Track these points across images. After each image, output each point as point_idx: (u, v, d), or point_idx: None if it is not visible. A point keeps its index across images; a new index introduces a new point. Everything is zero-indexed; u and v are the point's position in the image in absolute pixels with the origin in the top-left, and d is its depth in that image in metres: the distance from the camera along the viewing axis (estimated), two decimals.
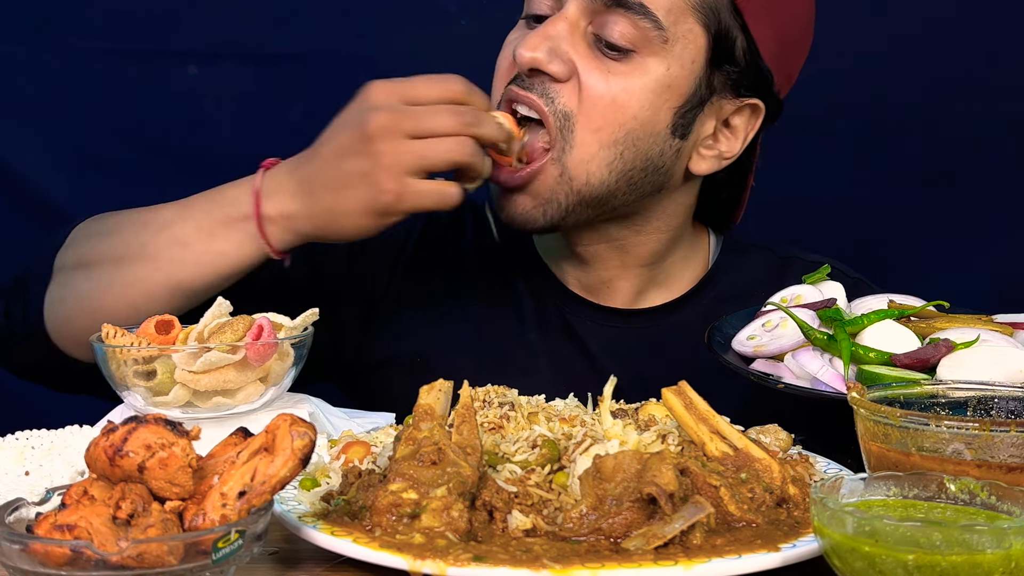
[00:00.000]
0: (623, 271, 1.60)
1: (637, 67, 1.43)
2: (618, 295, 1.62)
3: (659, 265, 1.62)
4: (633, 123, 1.44)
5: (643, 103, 1.43)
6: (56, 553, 0.81)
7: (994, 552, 0.79)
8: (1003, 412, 1.06)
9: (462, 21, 2.23)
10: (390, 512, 0.94)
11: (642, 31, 1.41)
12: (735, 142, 1.53)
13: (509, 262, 1.65)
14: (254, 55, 2.19)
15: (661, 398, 1.13)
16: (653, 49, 1.42)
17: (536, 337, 1.61)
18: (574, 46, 1.43)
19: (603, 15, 1.42)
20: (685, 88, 1.46)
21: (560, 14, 1.44)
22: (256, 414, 1.28)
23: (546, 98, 1.43)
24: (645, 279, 1.62)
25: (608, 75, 1.43)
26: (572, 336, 1.61)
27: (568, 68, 1.43)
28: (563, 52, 1.43)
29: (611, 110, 1.43)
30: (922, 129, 2.21)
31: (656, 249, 1.59)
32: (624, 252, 1.58)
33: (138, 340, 1.26)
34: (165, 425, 0.88)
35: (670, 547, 0.92)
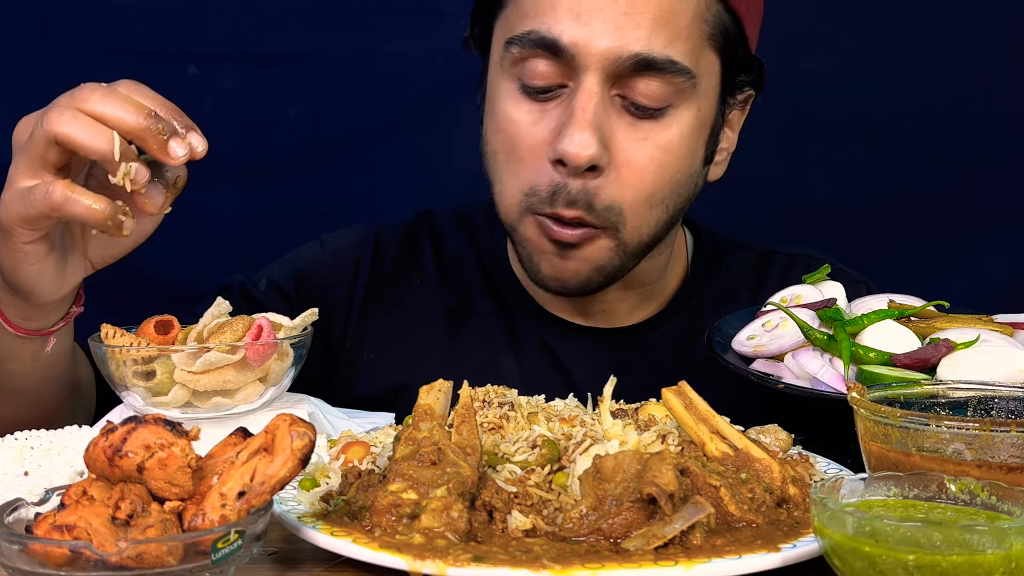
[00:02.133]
0: (622, 294, 1.56)
1: (672, 120, 1.37)
2: (605, 317, 1.57)
3: (658, 282, 1.59)
4: (676, 176, 1.40)
5: (682, 153, 1.39)
6: (55, 553, 0.80)
7: (994, 552, 0.79)
8: (1003, 412, 1.06)
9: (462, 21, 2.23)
10: (390, 512, 0.94)
11: (675, 85, 1.35)
12: (733, 135, 1.53)
13: (475, 287, 1.59)
14: (254, 55, 2.19)
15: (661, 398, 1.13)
16: (685, 97, 1.36)
17: (510, 362, 1.55)
18: (608, 120, 1.34)
19: (629, 78, 1.33)
20: (711, 118, 1.43)
21: (584, 90, 1.32)
22: (256, 414, 1.28)
23: (589, 209, 1.36)
24: (636, 300, 1.58)
25: (644, 140, 1.36)
26: (551, 357, 1.56)
27: (610, 153, 1.35)
28: (605, 135, 1.34)
29: (655, 175, 1.37)
30: (922, 129, 2.21)
31: (659, 268, 1.57)
32: (630, 280, 1.53)
33: (138, 340, 1.26)
34: (164, 425, 0.88)
35: (670, 547, 0.91)
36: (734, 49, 1.42)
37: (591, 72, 1.32)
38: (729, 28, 1.40)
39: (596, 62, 1.31)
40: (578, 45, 1.31)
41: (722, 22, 1.39)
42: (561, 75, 1.35)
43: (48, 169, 1.13)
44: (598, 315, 1.57)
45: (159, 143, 1.11)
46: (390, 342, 1.58)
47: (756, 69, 1.47)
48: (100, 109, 1.12)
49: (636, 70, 1.32)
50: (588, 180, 1.35)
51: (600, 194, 1.36)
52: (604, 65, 1.32)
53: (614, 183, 1.36)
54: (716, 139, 1.47)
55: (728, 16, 1.39)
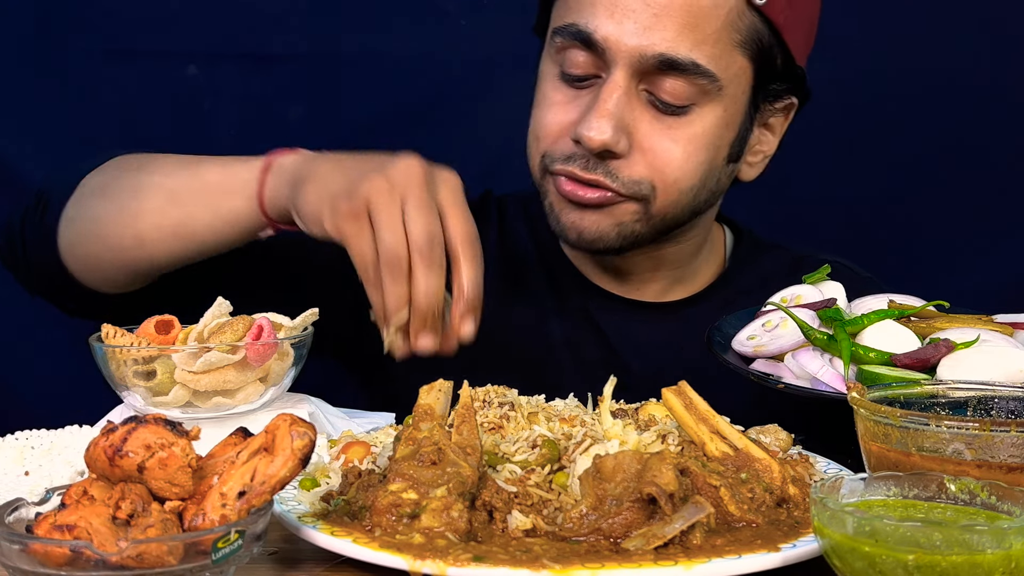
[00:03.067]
0: (654, 274, 1.64)
1: (696, 118, 1.45)
2: (646, 291, 1.66)
3: (688, 266, 1.66)
4: (700, 167, 1.48)
5: (704, 146, 1.47)
6: (56, 553, 0.81)
7: (994, 552, 0.79)
8: (1003, 412, 1.06)
9: (462, 21, 2.23)
10: (390, 512, 0.94)
11: (699, 87, 1.43)
12: (774, 140, 1.60)
13: (532, 256, 1.68)
14: (254, 55, 2.19)
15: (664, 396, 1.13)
16: (710, 98, 1.45)
17: (556, 329, 1.63)
18: (632, 111, 1.44)
19: (655, 76, 1.42)
20: (738, 119, 1.51)
21: (611, 82, 1.42)
22: (256, 414, 1.28)
23: (611, 176, 1.45)
24: (672, 279, 1.66)
25: (669, 132, 1.45)
26: (594, 328, 1.63)
27: (630, 140, 1.44)
28: (626, 125, 1.43)
29: (681, 160, 1.46)
30: (922, 129, 2.21)
31: (689, 254, 1.65)
32: (659, 260, 1.62)
33: (138, 340, 1.26)
34: (165, 425, 0.88)
35: (670, 547, 0.92)
36: (769, 57, 1.48)
37: (619, 66, 1.42)
38: (764, 37, 1.46)
39: (624, 57, 1.41)
40: (609, 40, 1.41)
41: (756, 31, 1.45)
42: (595, 66, 1.45)
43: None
44: (635, 290, 1.65)
45: (415, 330, 1.18)
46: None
47: (797, 78, 1.54)
48: (415, 275, 1.16)
49: (661, 69, 1.41)
50: (608, 161, 1.45)
51: (625, 170, 1.45)
52: (631, 61, 1.41)
53: (639, 163, 1.45)
54: (743, 140, 1.54)
55: (764, 25, 1.46)
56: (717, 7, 1.41)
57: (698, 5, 1.40)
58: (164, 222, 1.40)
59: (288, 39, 2.20)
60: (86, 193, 1.47)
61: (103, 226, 1.43)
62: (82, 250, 1.45)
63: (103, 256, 1.44)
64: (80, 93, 2.18)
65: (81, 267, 1.47)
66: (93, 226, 1.44)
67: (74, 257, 1.46)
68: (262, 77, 2.20)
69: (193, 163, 1.43)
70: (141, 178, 1.44)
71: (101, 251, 1.43)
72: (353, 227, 1.18)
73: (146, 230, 1.40)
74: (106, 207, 1.44)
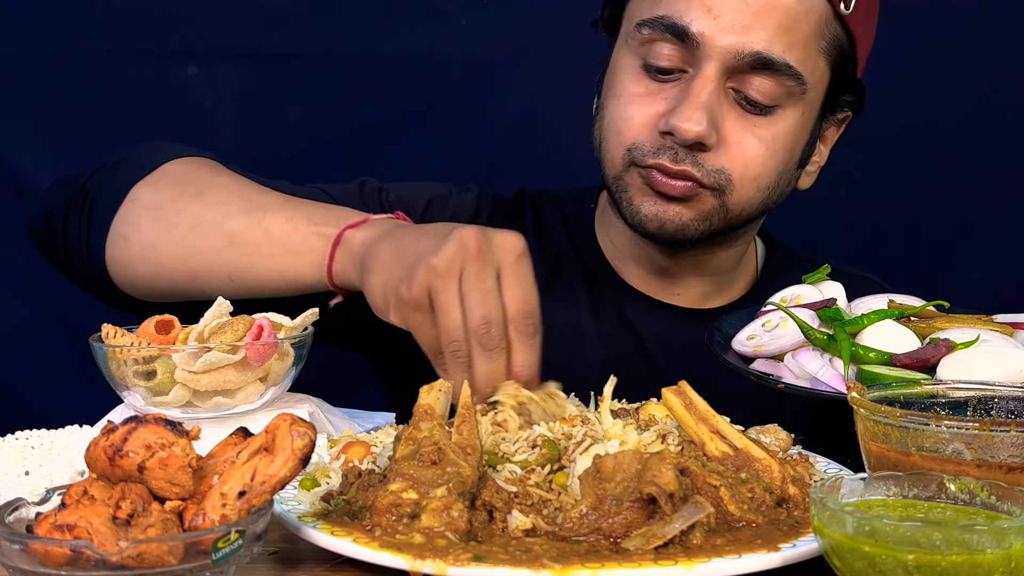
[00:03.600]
0: (696, 279, 1.65)
1: (780, 119, 1.48)
2: (684, 297, 1.66)
3: (727, 275, 1.67)
4: (778, 167, 1.51)
5: (784, 147, 1.50)
6: (56, 553, 0.81)
7: (994, 552, 0.79)
8: (1003, 412, 1.06)
9: (462, 21, 2.23)
10: (390, 512, 0.94)
11: (786, 88, 1.46)
12: (826, 151, 1.63)
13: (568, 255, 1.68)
14: (254, 55, 2.19)
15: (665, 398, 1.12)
16: (793, 100, 1.48)
17: (590, 325, 1.63)
18: (720, 107, 1.45)
19: (745, 74, 1.44)
20: (811, 125, 1.54)
21: (703, 76, 1.43)
22: (256, 414, 1.28)
23: (697, 166, 1.46)
24: (712, 286, 1.67)
25: (754, 129, 1.47)
26: (628, 328, 1.64)
27: (719, 135, 1.46)
28: (716, 119, 1.45)
29: (763, 158, 1.48)
30: (922, 129, 2.21)
31: (733, 261, 1.66)
32: (706, 264, 1.63)
33: (138, 340, 1.26)
34: (165, 425, 0.88)
35: (670, 547, 0.91)
36: (845, 68, 1.52)
37: (712, 62, 1.43)
38: (844, 47, 1.50)
39: (718, 54, 1.43)
40: (705, 36, 1.43)
41: (838, 40, 1.49)
42: (683, 60, 1.46)
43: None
44: (672, 295, 1.65)
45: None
46: None
47: (858, 92, 1.58)
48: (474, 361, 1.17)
49: (754, 67, 1.44)
50: (696, 152, 1.46)
51: (710, 160, 1.46)
52: (725, 58, 1.43)
53: (723, 156, 1.47)
54: (813, 146, 1.58)
55: (845, 36, 1.50)
56: (809, 12, 1.44)
57: (794, 8, 1.43)
58: (221, 267, 1.38)
59: (288, 39, 2.20)
60: (138, 211, 1.43)
61: (156, 255, 1.40)
62: (131, 271, 1.43)
63: (154, 281, 1.43)
64: (80, 93, 2.18)
65: (127, 284, 1.44)
66: (145, 253, 1.41)
67: (121, 275, 1.44)
68: (262, 77, 2.20)
69: (256, 208, 1.39)
70: (200, 213, 1.40)
71: (152, 277, 1.40)
72: (416, 318, 1.19)
73: (201, 270, 1.39)
74: (161, 237, 1.40)
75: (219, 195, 1.42)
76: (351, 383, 1.82)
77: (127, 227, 1.42)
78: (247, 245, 1.37)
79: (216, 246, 1.38)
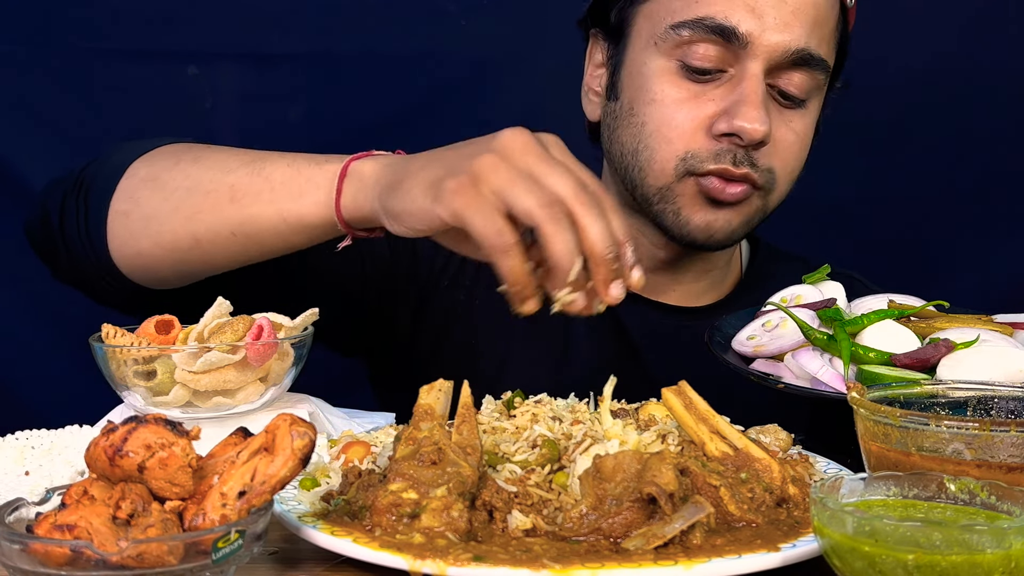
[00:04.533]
0: (691, 276, 1.65)
1: (807, 111, 1.53)
2: (674, 294, 1.66)
3: (721, 270, 1.68)
4: (804, 158, 1.55)
5: (809, 138, 1.55)
6: (56, 553, 0.81)
7: (994, 552, 0.79)
8: (1003, 412, 1.06)
9: (462, 21, 2.23)
10: (390, 512, 0.94)
11: (817, 81, 1.50)
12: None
13: None
14: (254, 55, 2.19)
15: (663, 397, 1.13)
16: (819, 91, 1.53)
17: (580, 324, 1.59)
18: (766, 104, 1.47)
19: (785, 70, 1.47)
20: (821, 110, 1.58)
21: (752, 75, 1.44)
22: (256, 414, 1.28)
23: (753, 167, 1.47)
24: (705, 282, 1.67)
25: (790, 124, 1.51)
26: (619, 330, 1.63)
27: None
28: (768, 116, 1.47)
29: (798, 152, 1.53)
30: (922, 129, 2.21)
31: (728, 257, 1.67)
32: (706, 261, 1.64)
33: (138, 340, 1.26)
34: (165, 425, 0.88)
35: (670, 547, 0.92)
36: (843, 54, 1.58)
37: (759, 60, 1.45)
38: (845, 36, 1.55)
39: (765, 52, 1.45)
40: (752, 35, 1.44)
41: (844, 31, 1.55)
42: (724, 61, 1.47)
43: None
44: (660, 293, 1.65)
45: (605, 280, 1.06)
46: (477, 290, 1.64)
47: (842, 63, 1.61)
48: (583, 221, 1.05)
49: (795, 64, 1.46)
50: (752, 153, 1.47)
51: (762, 159, 1.48)
52: (771, 56, 1.45)
53: (772, 154, 1.49)
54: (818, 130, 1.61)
55: (845, 27, 1.55)
56: (832, 7, 1.49)
57: (824, 5, 1.47)
58: (223, 223, 1.32)
59: (288, 39, 2.20)
60: (136, 185, 1.39)
61: (157, 225, 1.36)
62: (133, 248, 1.38)
63: (156, 255, 1.37)
64: (80, 93, 2.18)
65: (130, 264, 1.39)
66: (146, 224, 1.36)
67: (123, 254, 1.39)
68: (262, 77, 2.20)
69: (255, 159, 1.35)
70: (198, 174, 1.36)
71: (154, 250, 1.36)
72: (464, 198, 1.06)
73: (203, 231, 1.33)
74: (160, 204, 1.36)
75: (217, 156, 1.37)
76: (351, 383, 1.82)
77: (126, 203, 1.38)
78: (247, 195, 1.31)
79: (216, 202, 1.32)
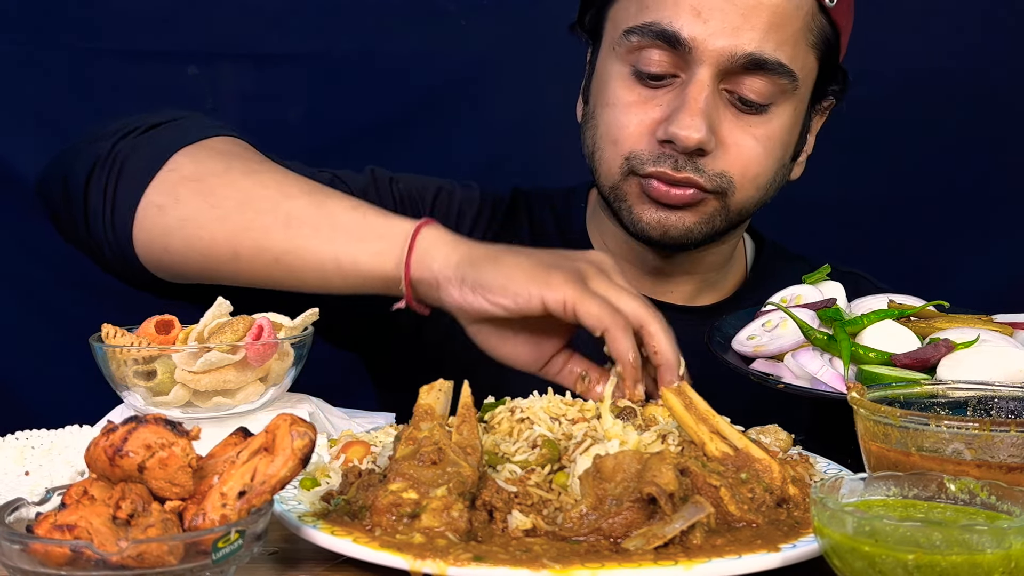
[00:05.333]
0: (689, 276, 1.64)
1: (774, 117, 1.49)
2: (675, 294, 1.65)
3: (719, 271, 1.67)
4: (775, 164, 1.52)
5: (780, 144, 1.51)
6: (56, 553, 0.81)
7: (994, 552, 0.79)
8: (1003, 412, 1.06)
9: (462, 21, 2.23)
10: (390, 512, 0.94)
11: (779, 86, 1.46)
12: (812, 139, 1.63)
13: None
14: (254, 55, 2.19)
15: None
16: (786, 97, 1.48)
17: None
18: (716, 110, 1.45)
19: (738, 75, 1.44)
20: (803, 118, 1.55)
21: (698, 81, 1.42)
22: (256, 414, 1.28)
23: (699, 172, 1.46)
24: (703, 282, 1.66)
25: (750, 130, 1.47)
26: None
27: (717, 139, 1.45)
28: (713, 123, 1.44)
29: (761, 157, 1.49)
30: (921, 129, 2.21)
31: (725, 257, 1.66)
32: (699, 262, 1.63)
33: (138, 340, 1.26)
34: (165, 425, 0.88)
35: (670, 547, 0.91)
36: (831, 58, 1.53)
37: (705, 66, 1.42)
38: (830, 38, 1.51)
39: (711, 58, 1.42)
40: (696, 40, 1.41)
41: (824, 32, 1.49)
42: (675, 66, 1.45)
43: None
44: (663, 293, 1.65)
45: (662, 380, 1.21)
46: None
47: (842, 79, 1.59)
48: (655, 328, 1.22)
49: (747, 68, 1.43)
50: (696, 158, 1.45)
51: (710, 164, 1.46)
52: (718, 61, 1.42)
53: (723, 159, 1.47)
54: (804, 139, 1.59)
55: (830, 28, 1.50)
56: (798, 8, 1.44)
57: (782, 6, 1.42)
58: (270, 246, 1.29)
59: (288, 39, 2.20)
60: (178, 181, 1.33)
61: (195, 228, 1.31)
62: (161, 243, 1.33)
63: (187, 256, 1.33)
64: (80, 93, 2.18)
65: (154, 257, 1.35)
66: (182, 224, 1.32)
67: (149, 247, 1.34)
68: (262, 77, 2.20)
69: (315, 190, 1.33)
70: (252, 189, 1.32)
71: (186, 252, 1.31)
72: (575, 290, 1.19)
73: (247, 248, 1.30)
74: (204, 210, 1.31)
75: (273, 176, 1.34)
76: (351, 383, 1.82)
77: (163, 196, 1.33)
78: (305, 227, 1.28)
79: (269, 224, 1.29)
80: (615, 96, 1.49)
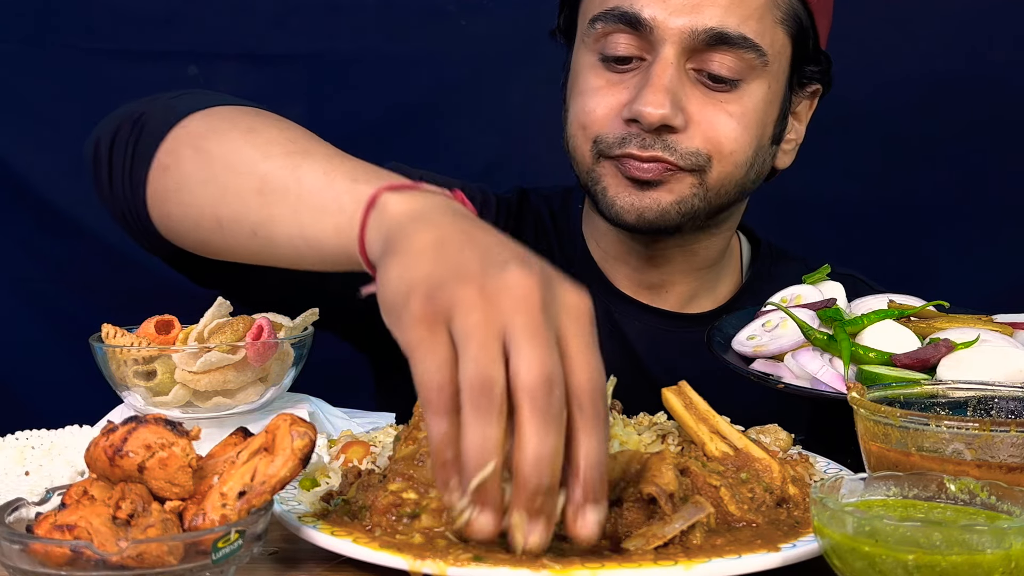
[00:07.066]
0: (683, 275, 1.63)
1: (744, 94, 1.47)
2: (670, 298, 1.64)
3: (713, 269, 1.65)
4: (753, 141, 1.49)
5: (755, 121, 1.49)
6: (56, 553, 0.81)
7: (994, 552, 0.79)
8: (1003, 412, 1.06)
9: (462, 21, 2.23)
10: (390, 512, 0.94)
11: (746, 61, 1.45)
12: (801, 127, 1.62)
13: (556, 255, 1.66)
14: (254, 55, 2.19)
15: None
16: (756, 74, 1.47)
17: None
18: (683, 88, 1.44)
19: (704, 52, 1.44)
20: (779, 98, 1.53)
21: (662, 60, 1.42)
22: (256, 414, 1.29)
23: (669, 150, 1.44)
24: (698, 284, 1.65)
25: (722, 106, 1.46)
26: (618, 335, 1.62)
27: (685, 116, 1.44)
28: (679, 100, 1.44)
29: (736, 133, 1.47)
30: (921, 129, 2.21)
31: (720, 250, 1.64)
32: (693, 255, 1.61)
33: (138, 340, 1.26)
34: (165, 425, 0.88)
35: (670, 547, 0.91)
36: (805, 39, 1.52)
37: (668, 44, 1.42)
38: (801, 17, 1.50)
39: (673, 36, 1.42)
40: (657, 20, 1.42)
41: (794, 10, 1.49)
42: (640, 48, 1.45)
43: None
44: (655, 293, 1.64)
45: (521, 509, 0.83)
46: None
47: (824, 64, 1.58)
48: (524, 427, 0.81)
49: (711, 44, 1.42)
50: (665, 135, 1.44)
51: (683, 142, 1.45)
52: (681, 39, 1.42)
53: (696, 136, 1.45)
54: (784, 121, 1.57)
55: (800, 5, 1.50)
56: None
57: None
58: (247, 215, 1.13)
59: (288, 39, 2.20)
60: (183, 136, 1.22)
61: (187, 194, 1.19)
62: (161, 209, 1.23)
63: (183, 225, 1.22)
64: (80, 93, 2.18)
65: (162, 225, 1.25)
66: (178, 189, 1.20)
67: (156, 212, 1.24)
68: (262, 77, 2.20)
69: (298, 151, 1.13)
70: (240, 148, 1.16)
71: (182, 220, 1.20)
72: (420, 334, 0.83)
73: (227, 217, 1.15)
74: (195, 171, 1.19)
75: (268, 134, 1.18)
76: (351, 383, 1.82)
77: (168, 156, 1.22)
78: (275, 192, 1.11)
79: (245, 188, 1.13)
80: (585, 83, 1.50)
